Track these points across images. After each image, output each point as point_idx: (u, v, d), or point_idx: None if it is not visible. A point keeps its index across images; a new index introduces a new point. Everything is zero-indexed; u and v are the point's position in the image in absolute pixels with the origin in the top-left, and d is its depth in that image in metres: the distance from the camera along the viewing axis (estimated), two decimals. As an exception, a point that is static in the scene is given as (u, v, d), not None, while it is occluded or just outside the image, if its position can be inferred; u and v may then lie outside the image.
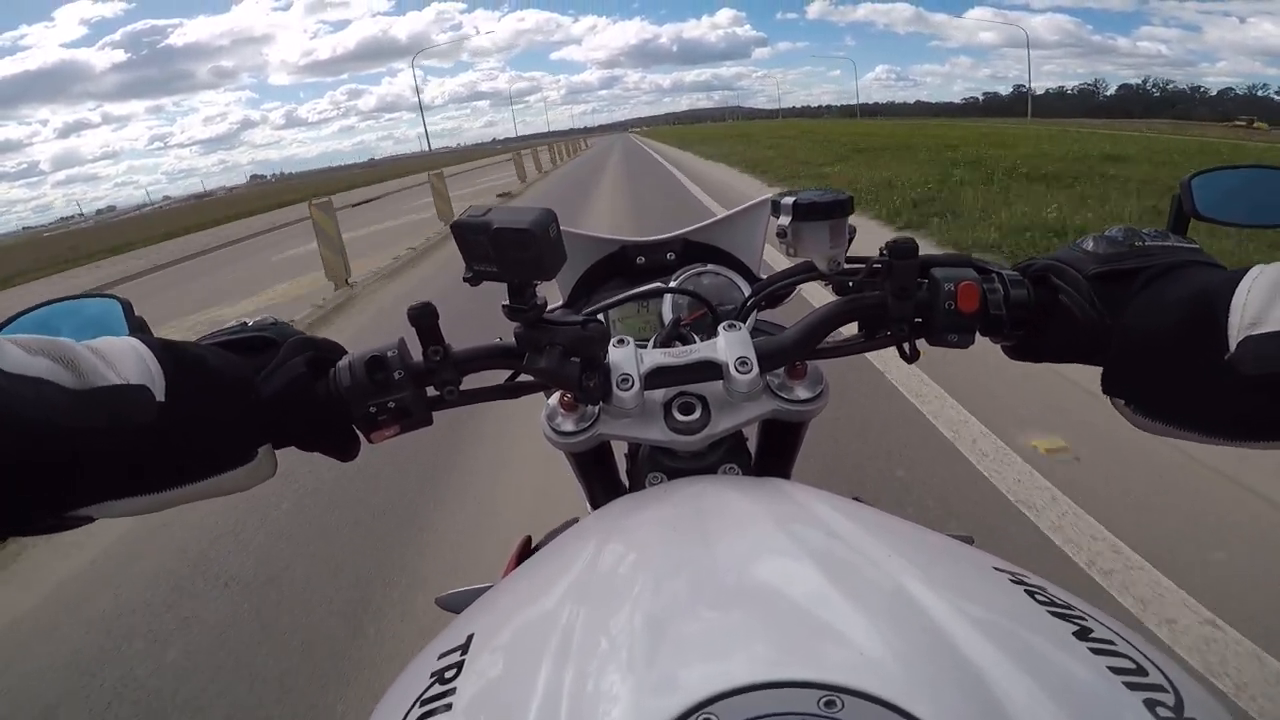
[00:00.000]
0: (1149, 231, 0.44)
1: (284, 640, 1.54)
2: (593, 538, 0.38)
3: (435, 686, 0.28)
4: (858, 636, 0.24)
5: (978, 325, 0.45)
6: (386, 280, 6.01)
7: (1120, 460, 1.79)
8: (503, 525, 1.85)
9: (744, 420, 0.46)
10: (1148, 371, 0.39)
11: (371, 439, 0.44)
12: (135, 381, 0.33)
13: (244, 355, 0.41)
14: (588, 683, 0.24)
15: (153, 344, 0.36)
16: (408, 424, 0.44)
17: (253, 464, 0.40)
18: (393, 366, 0.42)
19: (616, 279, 0.71)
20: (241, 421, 0.39)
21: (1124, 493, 1.68)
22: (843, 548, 0.32)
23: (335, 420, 0.43)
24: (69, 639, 1.68)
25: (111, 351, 0.34)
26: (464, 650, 0.30)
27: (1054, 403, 2.15)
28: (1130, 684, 0.23)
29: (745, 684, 0.22)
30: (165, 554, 1.97)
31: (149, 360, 0.35)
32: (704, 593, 0.29)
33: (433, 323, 0.43)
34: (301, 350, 0.42)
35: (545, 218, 0.37)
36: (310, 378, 0.42)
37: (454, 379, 0.45)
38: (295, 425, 0.42)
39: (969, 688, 0.22)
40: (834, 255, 0.47)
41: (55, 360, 0.31)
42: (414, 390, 0.43)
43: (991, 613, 0.28)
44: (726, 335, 0.46)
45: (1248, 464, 1.68)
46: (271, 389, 0.40)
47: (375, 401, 0.42)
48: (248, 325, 0.44)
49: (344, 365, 0.43)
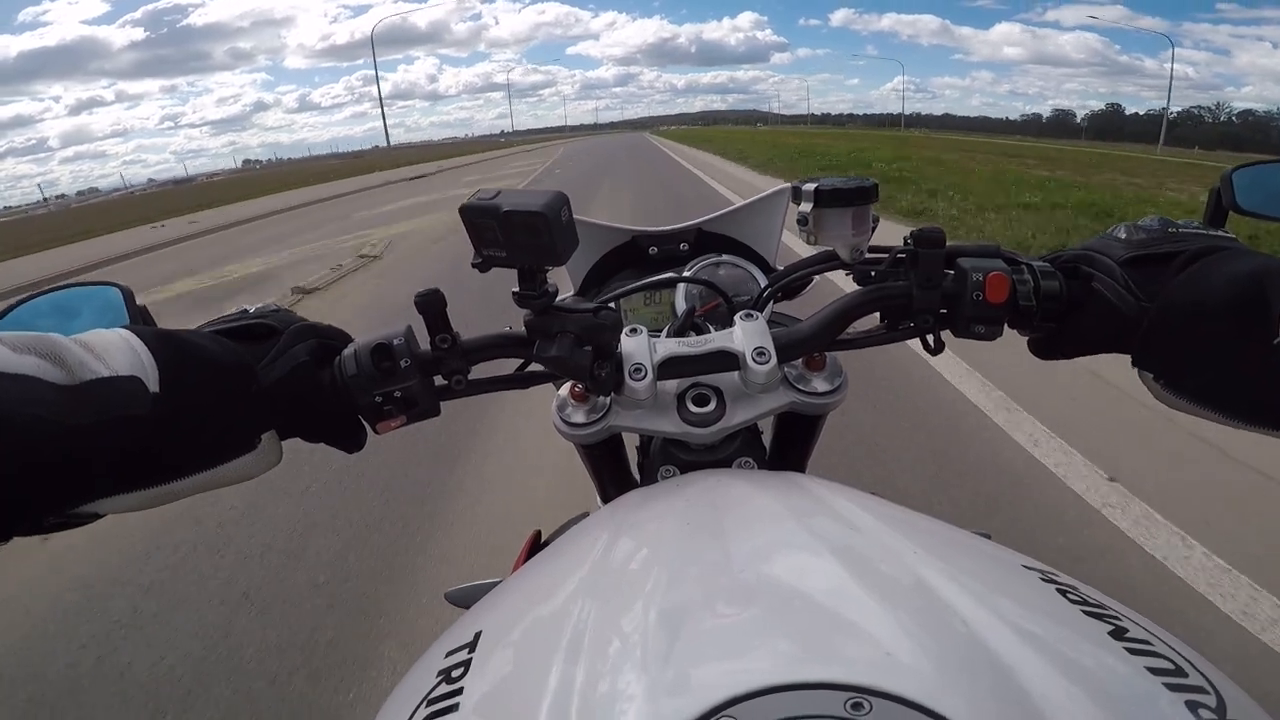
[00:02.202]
0: (1183, 222, 0.42)
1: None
2: (604, 532, 0.37)
3: (442, 685, 0.27)
4: (884, 636, 0.23)
5: (1006, 317, 0.43)
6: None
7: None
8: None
9: (760, 413, 0.45)
10: (1185, 350, 0.37)
11: (377, 429, 0.43)
12: (126, 373, 0.32)
13: (245, 343, 0.40)
14: (600, 683, 0.23)
15: (146, 334, 0.35)
16: (414, 414, 0.43)
17: (256, 452, 0.39)
18: (399, 355, 0.41)
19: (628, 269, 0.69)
20: (242, 410, 0.38)
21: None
22: (865, 543, 0.30)
23: (340, 409, 0.42)
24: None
25: (100, 344, 0.33)
26: (471, 649, 0.29)
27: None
28: (1170, 685, 0.22)
29: (767, 685, 0.21)
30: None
31: (141, 351, 0.34)
32: (721, 589, 0.28)
33: (440, 310, 0.42)
34: (304, 338, 0.41)
35: (557, 201, 0.36)
36: (313, 365, 0.41)
37: (462, 368, 0.44)
38: (299, 414, 0.41)
39: (1003, 688, 0.21)
40: (857, 244, 0.45)
41: (42, 356, 0.30)
42: (421, 379, 0.42)
43: (1023, 611, 0.26)
44: (744, 325, 0.45)
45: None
46: (273, 377, 0.39)
47: (381, 391, 0.41)
48: (249, 312, 0.43)
49: (349, 353, 0.42)
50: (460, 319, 0.43)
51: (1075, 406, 2.25)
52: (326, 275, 5.76)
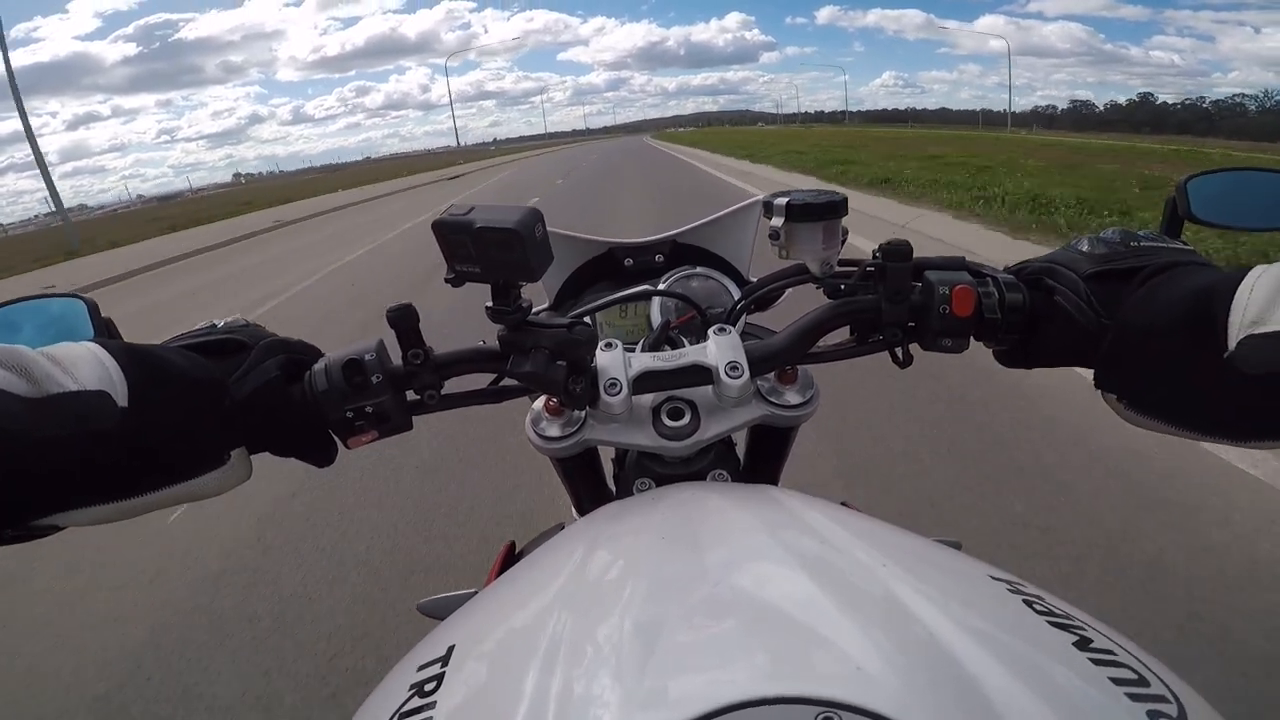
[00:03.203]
0: (1144, 233, 0.43)
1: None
2: (580, 545, 0.37)
3: (414, 699, 0.27)
4: (854, 649, 0.24)
5: (972, 330, 0.44)
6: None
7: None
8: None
9: (734, 425, 0.46)
10: (1143, 367, 0.38)
11: (349, 444, 0.43)
12: (94, 388, 0.32)
13: (215, 359, 0.40)
14: (575, 696, 0.23)
15: (114, 348, 0.35)
16: (386, 429, 0.43)
17: (226, 467, 0.39)
18: (371, 370, 0.41)
19: (604, 281, 0.70)
20: (211, 426, 0.37)
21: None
22: (836, 556, 0.31)
23: (310, 425, 0.41)
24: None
25: (68, 357, 0.33)
26: (444, 662, 0.28)
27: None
28: (1133, 695, 0.23)
29: (740, 700, 0.21)
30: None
31: (109, 365, 0.33)
32: (695, 603, 0.28)
33: (413, 324, 0.42)
34: (274, 352, 0.41)
35: (531, 217, 0.36)
36: (283, 381, 0.40)
37: (435, 383, 0.43)
38: (269, 429, 0.40)
39: (969, 701, 0.22)
40: (827, 258, 0.46)
41: (9, 369, 0.30)
42: (393, 395, 0.42)
43: (990, 623, 0.27)
44: (717, 339, 0.45)
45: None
46: (243, 392, 0.39)
47: (352, 406, 0.41)
48: (217, 326, 0.42)
49: (320, 368, 0.41)
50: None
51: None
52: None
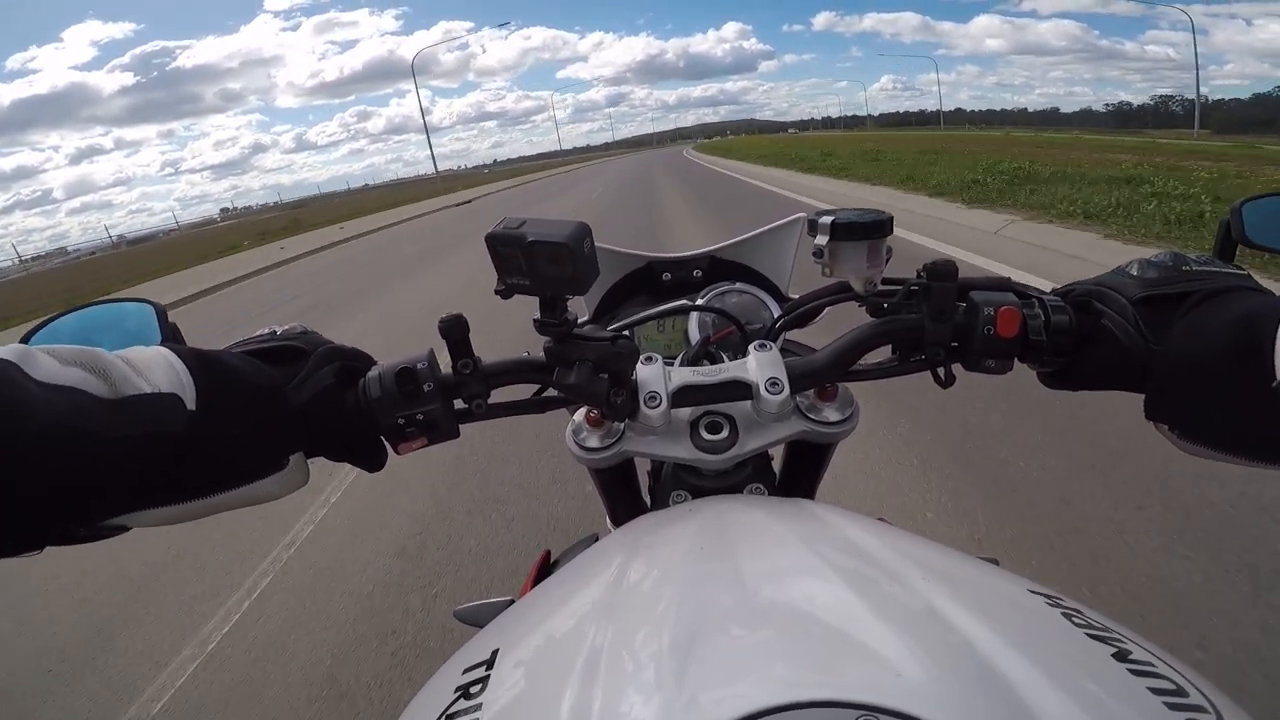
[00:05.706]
0: (1196, 256, 0.43)
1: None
2: (618, 555, 0.37)
3: (460, 702, 0.27)
4: (893, 656, 0.24)
5: (1016, 351, 0.43)
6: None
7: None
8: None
9: (772, 440, 0.46)
10: (1192, 396, 0.38)
11: (399, 450, 0.44)
12: (167, 390, 0.33)
13: (274, 365, 0.41)
14: (616, 703, 0.24)
15: (183, 353, 0.36)
16: (435, 436, 0.44)
17: (285, 472, 0.40)
18: (422, 379, 0.42)
19: (642, 294, 0.70)
20: (273, 431, 0.39)
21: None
22: (874, 568, 0.31)
23: (363, 431, 0.42)
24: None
25: (143, 360, 0.34)
26: (489, 666, 0.29)
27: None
28: (1171, 704, 0.23)
29: (779, 703, 0.21)
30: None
31: (179, 369, 0.35)
32: (733, 612, 0.28)
33: (463, 335, 0.43)
34: (330, 360, 0.42)
35: (580, 231, 0.37)
36: (339, 388, 0.42)
37: (482, 392, 0.44)
38: (324, 435, 0.42)
39: (1007, 709, 0.22)
40: (870, 276, 0.46)
41: (88, 370, 0.31)
42: (443, 403, 0.43)
43: (1028, 634, 0.27)
44: (758, 355, 0.45)
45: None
46: (301, 399, 0.40)
47: (404, 413, 0.42)
48: (276, 334, 0.44)
49: (374, 376, 0.43)
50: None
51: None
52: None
